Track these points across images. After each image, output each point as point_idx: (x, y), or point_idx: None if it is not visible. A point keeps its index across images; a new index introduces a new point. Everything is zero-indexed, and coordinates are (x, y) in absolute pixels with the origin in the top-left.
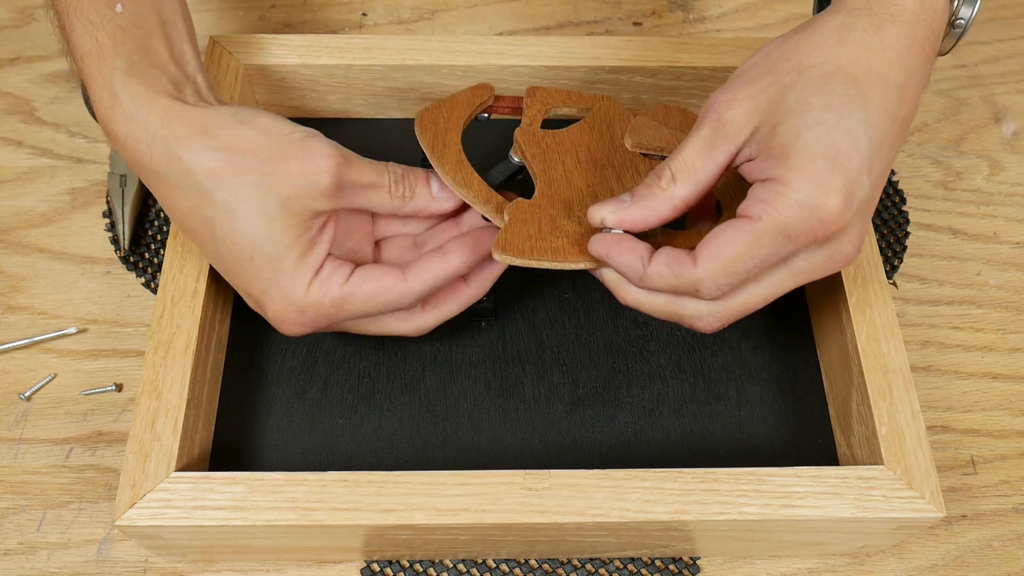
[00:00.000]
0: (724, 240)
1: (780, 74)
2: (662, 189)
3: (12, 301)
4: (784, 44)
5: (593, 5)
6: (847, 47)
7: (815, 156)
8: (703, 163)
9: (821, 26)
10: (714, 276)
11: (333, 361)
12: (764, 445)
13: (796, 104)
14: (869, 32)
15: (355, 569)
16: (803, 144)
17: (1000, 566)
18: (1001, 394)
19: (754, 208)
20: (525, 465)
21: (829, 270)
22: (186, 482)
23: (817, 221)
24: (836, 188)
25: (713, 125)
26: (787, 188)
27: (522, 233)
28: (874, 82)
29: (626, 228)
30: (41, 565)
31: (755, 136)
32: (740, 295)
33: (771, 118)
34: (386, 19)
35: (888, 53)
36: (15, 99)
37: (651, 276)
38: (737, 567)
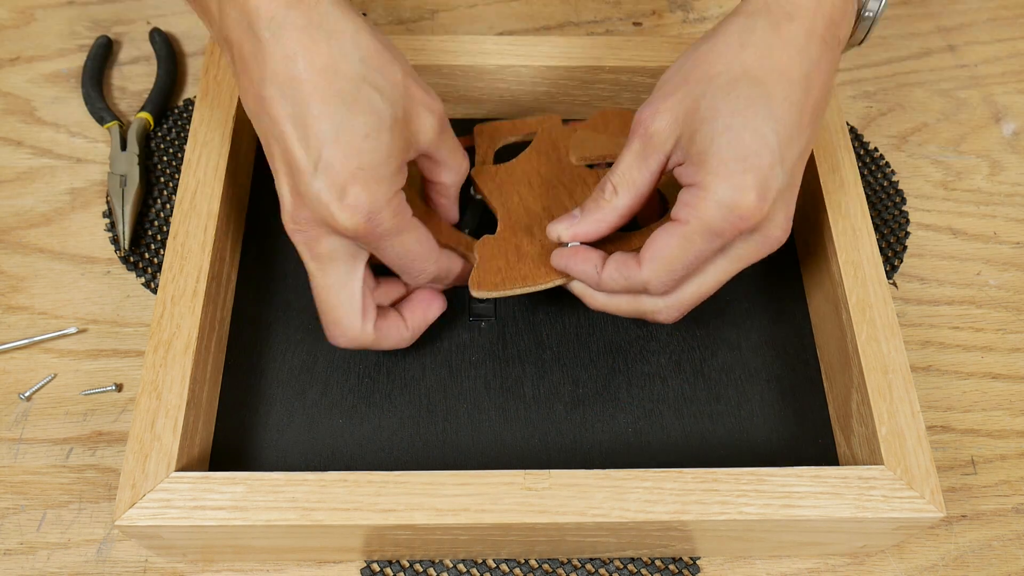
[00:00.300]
0: (661, 243)
1: (693, 83)
2: (606, 201)
3: (12, 301)
4: (695, 53)
5: (593, 5)
6: (748, 50)
7: (728, 159)
8: (639, 173)
9: (724, 32)
10: (657, 275)
11: (333, 361)
12: (764, 445)
13: (708, 112)
14: (768, 32)
15: (355, 569)
16: (716, 149)
17: (1000, 566)
18: (1001, 394)
19: (681, 212)
20: (525, 465)
21: (764, 252)
22: (186, 482)
23: (737, 218)
24: (749, 186)
25: (642, 139)
26: (706, 192)
27: (492, 267)
28: (776, 80)
29: (580, 240)
30: (41, 565)
31: (679, 144)
32: (688, 286)
33: (689, 127)
34: (386, 19)
35: (788, 49)
36: (15, 99)
37: (605, 280)
38: (737, 567)
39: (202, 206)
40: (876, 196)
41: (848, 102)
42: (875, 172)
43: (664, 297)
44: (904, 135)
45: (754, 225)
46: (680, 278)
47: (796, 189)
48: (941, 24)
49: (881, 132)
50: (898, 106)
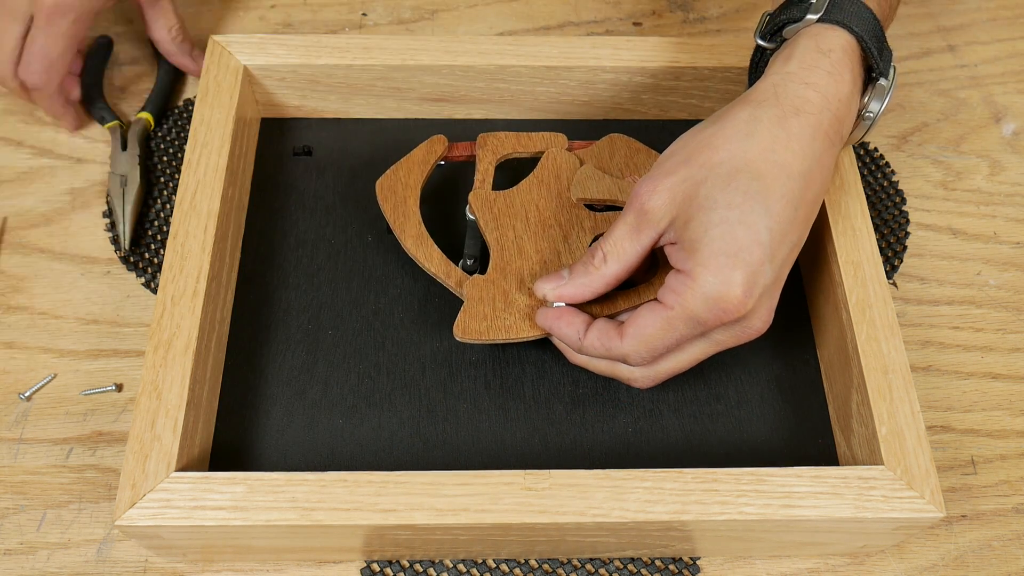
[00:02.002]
0: (643, 322)
1: (694, 167)
2: (595, 268)
3: (12, 301)
4: (700, 134)
5: (593, 5)
6: (753, 141)
7: (718, 253)
8: (630, 245)
9: (732, 119)
10: (636, 351)
11: (333, 361)
12: (764, 445)
13: (705, 201)
14: (775, 125)
15: (355, 569)
16: (709, 240)
17: (1000, 566)
18: (1001, 394)
19: (668, 297)
20: (525, 465)
21: (742, 340)
22: (186, 482)
23: (721, 311)
24: (737, 282)
25: (637, 213)
26: (694, 282)
27: (479, 314)
28: (777, 175)
29: (565, 302)
30: (41, 565)
31: (673, 224)
32: (665, 362)
33: (685, 211)
34: (386, 19)
35: (792, 144)
36: (15, 99)
37: (587, 347)
38: (737, 567)
39: (202, 206)
40: (876, 196)
41: None
42: (875, 172)
43: (641, 368)
44: (904, 135)
45: (737, 318)
46: (659, 356)
47: (782, 283)
48: (941, 24)
49: (881, 132)
50: (898, 106)
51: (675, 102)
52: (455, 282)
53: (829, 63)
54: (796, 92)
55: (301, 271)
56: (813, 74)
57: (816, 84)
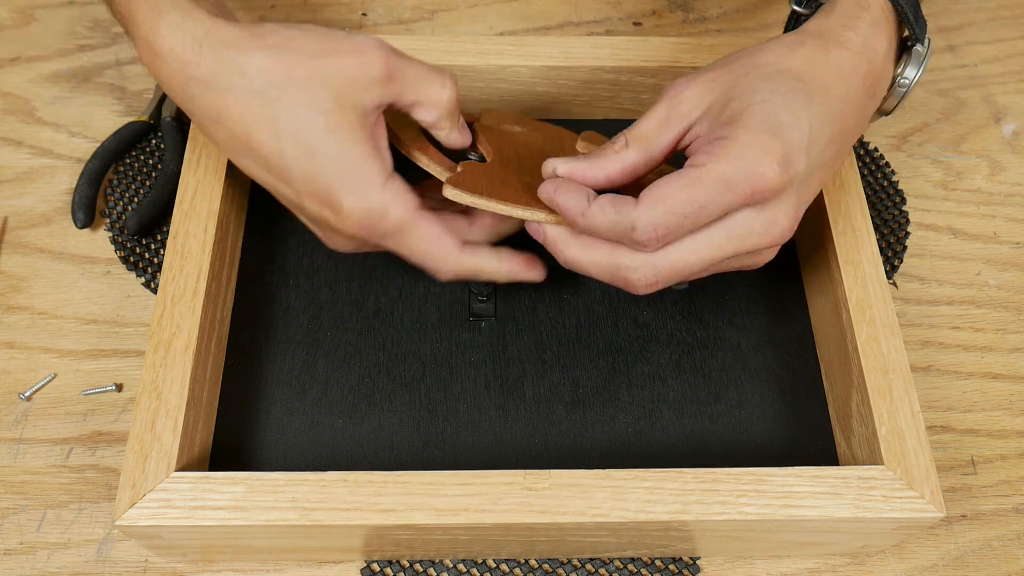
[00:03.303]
0: (666, 184)
1: (735, 66)
2: (615, 152)
3: (12, 301)
4: (742, 51)
5: (593, 5)
6: (796, 56)
7: (760, 121)
8: (656, 135)
9: (775, 41)
10: (652, 215)
11: (333, 361)
12: (764, 445)
13: (747, 87)
14: (817, 50)
15: (355, 569)
16: (750, 112)
17: (1000, 566)
18: (1001, 394)
19: (699, 158)
20: (525, 465)
21: (764, 242)
22: (186, 482)
23: (755, 176)
24: (775, 150)
25: (669, 102)
26: (731, 142)
27: (474, 179)
28: (818, 87)
29: (575, 178)
30: (41, 565)
31: (707, 114)
32: (674, 249)
33: (723, 97)
34: (386, 19)
35: (832, 70)
36: (15, 99)
37: (593, 213)
38: (737, 567)
39: (202, 206)
40: (876, 196)
41: None
42: (875, 172)
43: (646, 253)
44: (904, 135)
45: (768, 194)
46: (675, 227)
47: (811, 195)
48: (941, 24)
49: (881, 132)
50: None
51: None
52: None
53: (870, 17)
54: (838, 32)
55: (301, 271)
56: (854, 22)
57: (858, 28)
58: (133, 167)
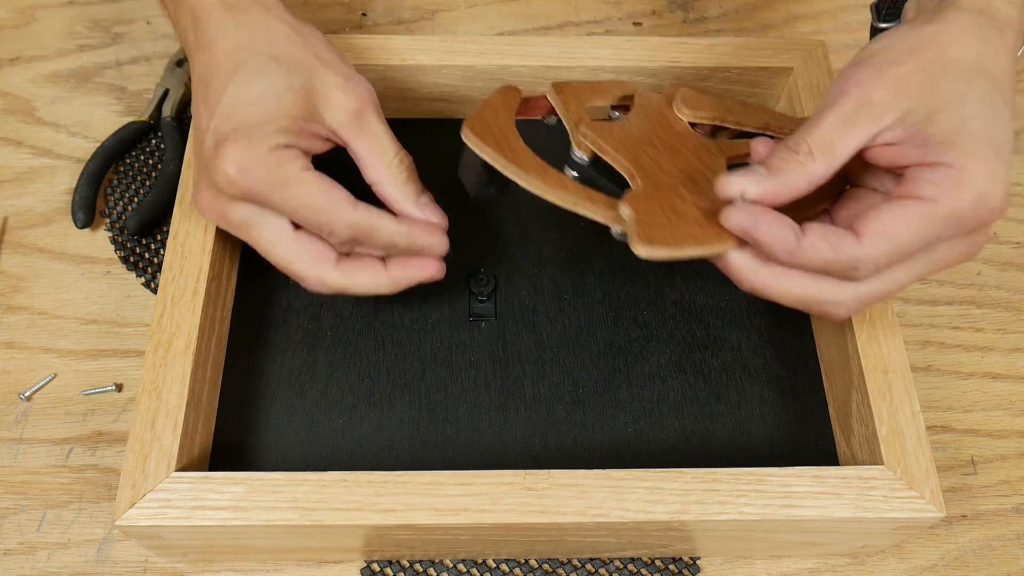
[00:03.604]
0: (893, 219)
1: (926, 60)
2: (800, 164)
3: (12, 301)
4: (920, 31)
5: (593, 5)
6: (984, 46)
7: (985, 146)
8: (841, 140)
9: (952, 21)
10: (878, 255)
11: (333, 361)
12: (764, 445)
13: (951, 94)
14: (996, 35)
15: (355, 569)
16: (971, 133)
17: (1000, 566)
18: (1001, 394)
19: (927, 190)
20: (525, 465)
21: (965, 258)
22: (186, 482)
23: (988, 210)
24: (1004, 178)
25: (857, 103)
26: (964, 174)
27: (656, 224)
28: (1007, 84)
29: (768, 201)
30: (41, 565)
31: (903, 120)
32: (884, 278)
33: (924, 105)
34: (386, 19)
35: (1008, 56)
36: (15, 99)
37: (805, 249)
38: (737, 567)
39: None
40: None
41: None
42: None
43: (854, 286)
44: None
45: (992, 221)
46: (894, 263)
47: None
48: None
49: None
50: None
51: None
52: (602, 204)
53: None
54: (1004, 8)
55: None
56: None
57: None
58: (133, 167)
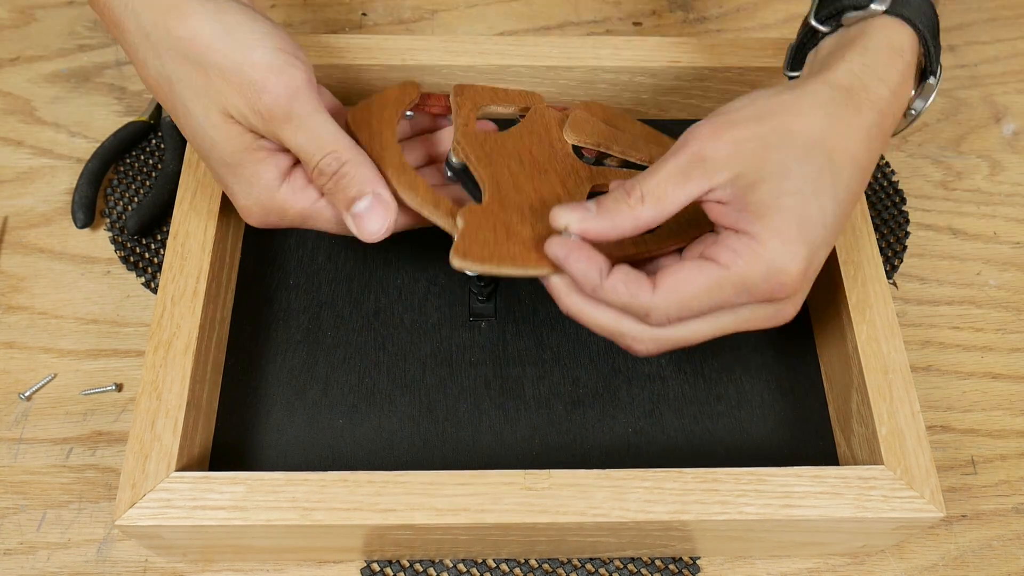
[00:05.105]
0: (687, 277)
1: (767, 128)
2: (629, 207)
3: (12, 301)
4: (774, 99)
5: (593, 5)
6: (832, 123)
7: (790, 222)
8: (673, 191)
9: (811, 92)
10: (667, 307)
11: (333, 361)
12: (764, 445)
13: (778, 167)
14: (851, 112)
15: (355, 569)
16: (781, 208)
17: (1000, 566)
18: (1001, 394)
19: (724, 255)
20: (525, 465)
21: (767, 325)
22: (186, 482)
23: (778, 283)
24: (801, 256)
25: (692, 158)
26: (760, 246)
27: (479, 239)
28: (847, 164)
29: (587, 237)
30: (41, 565)
31: (733, 182)
32: (684, 327)
33: (753, 172)
34: (386, 19)
35: (862, 136)
36: (15, 99)
37: (606, 289)
38: (737, 567)
39: (202, 206)
40: (876, 196)
41: None
42: (875, 172)
43: (654, 328)
44: (904, 135)
45: (786, 296)
46: (685, 316)
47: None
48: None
49: None
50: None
51: (675, 102)
52: (446, 211)
53: (903, 63)
54: (873, 87)
55: (301, 271)
56: (889, 72)
57: (891, 82)
58: (133, 167)
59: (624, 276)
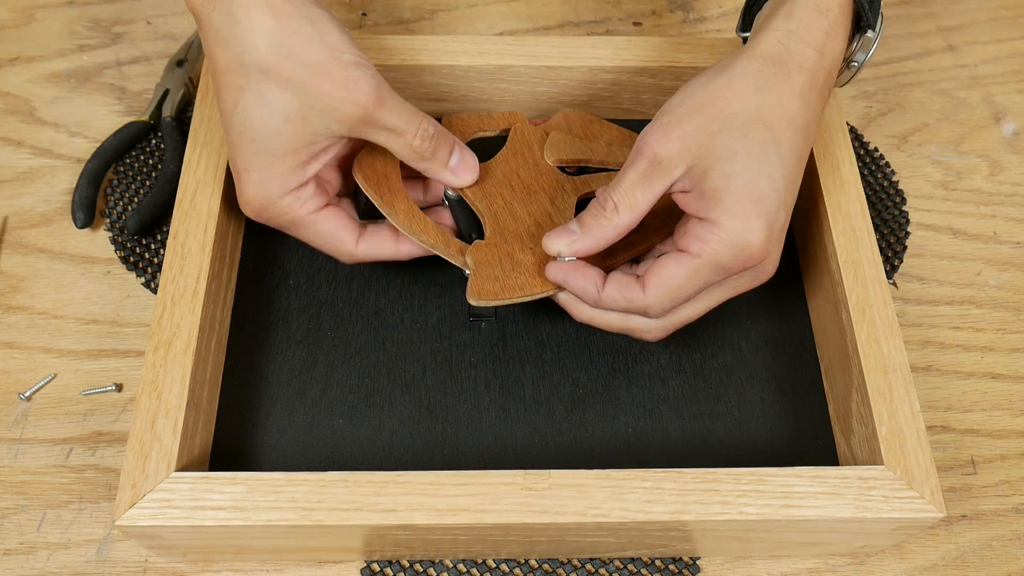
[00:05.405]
0: (667, 272)
1: (707, 117)
2: (607, 219)
3: (12, 301)
4: (709, 86)
5: (593, 5)
6: (764, 95)
7: (743, 201)
8: (642, 194)
9: (740, 72)
10: (659, 301)
11: (333, 361)
12: (764, 445)
13: (723, 151)
14: (781, 80)
15: (355, 569)
16: (732, 189)
17: (1000, 566)
18: (1001, 394)
19: (693, 246)
20: (525, 465)
21: (756, 284)
22: (186, 482)
23: (746, 256)
24: (760, 228)
25: (649, 161)
26: (720, 230)
27: (489, 275)
28: (786, 127)
29: (580, 256)
30: (41, 565)
31: (688, 173)
32: (681, 311)
33: (703, 160)
34: (386, 19)
35: (796, 99)
36: (15, 99)
37: (605, 300)
38: (737, 567)
39: (202, 206)
40: (876, 196)
41: (848, 102)
42: (875, 172)
43: (655, 319)
44: (904, 135)
45: (757, 263)
46: (678, 303)
47: (786, 227)
48: (941, 24)
49: (881, 132)
50: (898, 106)
51: None
52: (456, 250)
53: (827, 22)
54: (799, 50)
55: (301, 271)
56: (813, 33)
57: (815, 43)
58: (133, 167)
59: (617, 284)
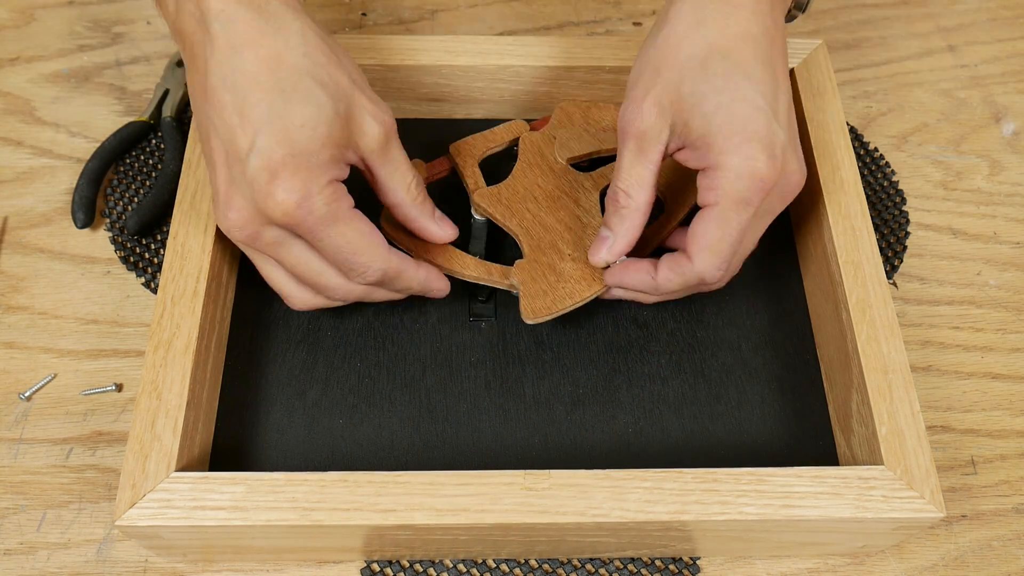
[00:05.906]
0: (701, 231)
1: (666, 73)
2: (626, 208)
3: (12, 301)
4: (654, 43)
5: (593, 5)
6: (707, 26)
7: (730, 135)
8: (643, 169)
9: (677, 14)
10: (710, 264)
11: (333, 361)
12: (764, 445)
13: (693, 98)
14: (721, 7)
15: (355, 569)
16: (716, 129)
17: (1000, 566)
18: (1001, 394)
19: (709, 196)
20: (525, 465)
21: (789, 198)
22: (186, 482)
23: (759, 182)
24: (758, 152)
25: (636, 138)
26: (722, 171)
27: (537, 292)
28: (743, 46)
29: (625, 252)
30: (41, 565)
31: (674, 133)
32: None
33: (680, 116)
34: (386, 19)
35: (743, 13)
36: (15, 99)
37: (662, 283)
38: (737, 567)
39: (202, 206)
40: (876, 196)
41: (848, 102)
42: (875, 172)
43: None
44: (904, 135)
45: (774, 183)
46: (730, 256)
47: (796, 133)
48: (941, 24)
49: (881, 132)
50: (898, 106)
51: None
52: (499, 275)
53: None
54: None
55: None
56: None
57: None
58: (133, 167)
59: (668, 264)
